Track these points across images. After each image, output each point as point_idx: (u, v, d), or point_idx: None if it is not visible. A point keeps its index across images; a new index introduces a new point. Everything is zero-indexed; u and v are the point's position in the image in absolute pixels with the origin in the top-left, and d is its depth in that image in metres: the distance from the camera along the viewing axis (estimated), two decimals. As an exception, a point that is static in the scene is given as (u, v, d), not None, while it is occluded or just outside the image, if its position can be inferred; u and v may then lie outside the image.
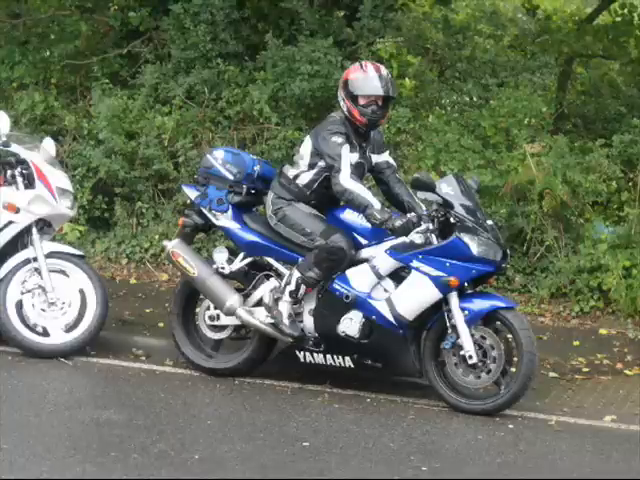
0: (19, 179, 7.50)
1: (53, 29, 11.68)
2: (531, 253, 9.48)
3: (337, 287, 6.92)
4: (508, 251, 7.04)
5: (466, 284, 6.78)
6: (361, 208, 6.82)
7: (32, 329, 7.42)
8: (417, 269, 6.73)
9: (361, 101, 6.96)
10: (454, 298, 6.71)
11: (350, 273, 6.90)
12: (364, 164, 7.10)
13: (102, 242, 10.39)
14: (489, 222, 6.90)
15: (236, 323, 7.23)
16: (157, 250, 10.12)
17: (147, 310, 8.84)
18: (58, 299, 7.45)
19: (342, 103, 7.05)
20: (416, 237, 6.76)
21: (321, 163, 7.00)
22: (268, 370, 7.31)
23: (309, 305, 7.04)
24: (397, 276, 6.84)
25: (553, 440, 6.37)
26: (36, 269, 7.43)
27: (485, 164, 9.57)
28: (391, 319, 6.80)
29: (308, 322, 7.04)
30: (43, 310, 7.44)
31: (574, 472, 5.90)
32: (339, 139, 6.89)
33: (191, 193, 7.37)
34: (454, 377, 6.81)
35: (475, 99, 10.77)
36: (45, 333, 7.44)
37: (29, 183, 7.51)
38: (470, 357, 6.68)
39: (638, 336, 8.62)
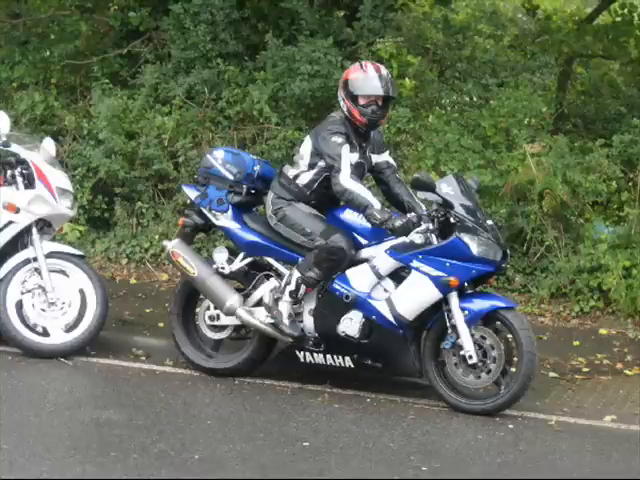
0: (19, 179, 7.50)
1: (53, 29, 11.69)
2: (531, 253, 9.48)
3: (337, 287, 6.92)
4: (508, 251, 7.03)
5: (466, 284, 6.78)
6: (361, 208, 6.82)
7: (32, 329, 7.42)
8: (417, 269, 6.72)
9: (361, 101, 6.96)
10: (454, 298, 6.71)
11: (350, 273, 6.90)
12: (364, 164, 7.10)
13: (102, 242, 10.39)
14: (489, 222, 6.90)
15: (236, 323, 7.23)
16: (157, 250, 10.12)
17: (147, 310, 8.84)
18: (58, 299, 7.45)
19: (342, 103, 7.05)
20: (416, 237, 6.76)
21: (321, 163, 7.00)
22: (268, 370, 7.31)
23: (309, 305, 7.04)
24: (397, 276, 6.84)
25: (553, 440, 6.37)
26: (36, 269, 7.43)
27: (485, 164, 9.57)
28: (391, 319, 6.80)
29: (308, 322, 7.04)
30: (43, 310, 7.44)
31: (574, 472, 5.90)
32: (339, 139, 6.89)
33: (191, 193, 7.37)
34: (454, 377, 6.81)
35: (475, 99, 10.78)
36: (45, 333, 7.44)
37: (29, 183, 7.51)
38: (470, 357, 6.68)
39: (638, 336, 8.62)
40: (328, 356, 7.04)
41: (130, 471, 5.49)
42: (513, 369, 6.80)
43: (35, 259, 7.43)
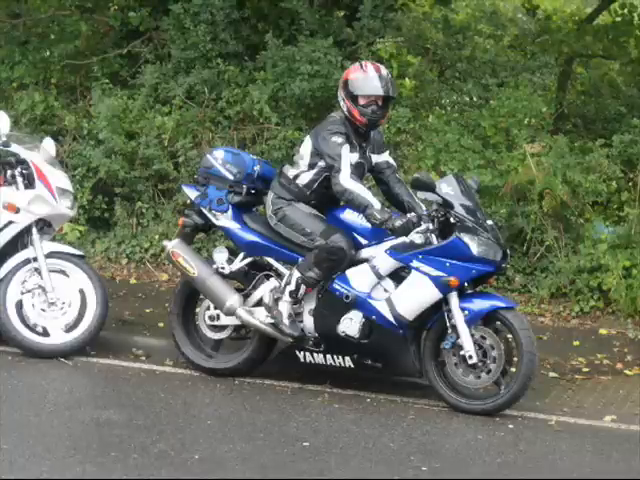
0: (19, 179, 7.50)
1: (53, 29, 11.69)
2: (531, 253, 9.48)
3: (337, 287, 6.92)
4: (508, 251, 7.03)
5: (466, 284, 6.78)
6: (361, 208, 6.82)
7: (32, 329, 7.42)
8: (417, 269, 6.72)
9: (361, 101, 6.96)
10: (454, 298, 6.71)
11: (350, 273, 6.90)
12: (364, 164, 7.10)
13: (102, 242, 10.39)
14: (489, 222, 6.90)
15: (236, 323, 7.23)
16: (157, 250, 10.12)
17: (147, 310, 8.84)
18: (58, 299, 7.44)
19: (342, 103, 7.05)
20: (416, 237, 6.76)
21: (321, 163, 7.00)
22: (268, 370, 7.31)
23: (309, 305, 7.04)
24: (397, 276, 6.84)
25: (553, 440, 6.37)
26: (36, 269, 7.43)
27: (485, 164, 9.57)
28: (391, 319, 6.80)
29: (308, 322, 7.04)
30: (43, 310, 7.44)
31: (574, 472, 5.90)
32: (339, 139, 6.89)
33: (191, 193, 7.37)
34: (454, 377, 6.81)
35: (475, 99, 10.78)
36: (45, 333, 7.44)
37: (29, 183, 7.51)
38: (470, 357, 6.68)
39: (638, 336, 8.62)
40: (328, 356, 7.04)
41: (130, 471, 5.49)
42: (513, 369, 6.80)
43: (35, 259, 7.43)
